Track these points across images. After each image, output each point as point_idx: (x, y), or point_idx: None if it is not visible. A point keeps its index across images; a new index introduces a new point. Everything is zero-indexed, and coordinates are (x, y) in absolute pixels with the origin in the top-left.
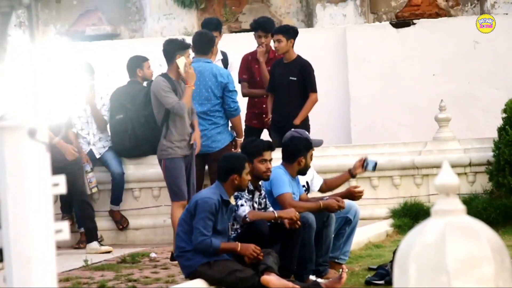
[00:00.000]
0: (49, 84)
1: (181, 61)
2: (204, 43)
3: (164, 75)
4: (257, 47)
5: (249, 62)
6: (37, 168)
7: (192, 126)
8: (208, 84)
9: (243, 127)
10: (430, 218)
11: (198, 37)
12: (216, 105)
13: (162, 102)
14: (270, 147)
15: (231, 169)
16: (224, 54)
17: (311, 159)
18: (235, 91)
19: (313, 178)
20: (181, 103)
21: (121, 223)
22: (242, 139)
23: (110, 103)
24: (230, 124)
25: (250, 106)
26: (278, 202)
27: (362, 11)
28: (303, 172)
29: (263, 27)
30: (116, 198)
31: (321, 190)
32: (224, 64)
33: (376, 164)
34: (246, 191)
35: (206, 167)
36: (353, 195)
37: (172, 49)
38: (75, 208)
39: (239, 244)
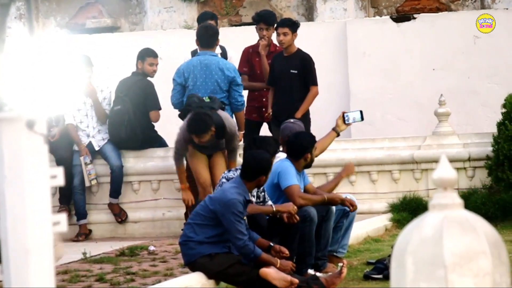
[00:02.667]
0: (48, 76)
1: None
2: (209, 36)
3: None
4: (259, 40)
5: (249, 55)
6: (35, 160)
7: None
8: (215, 77)
9: None
10: (428, 212)
11: (203, 30)
12: (222, 99)
13: None
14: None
15: (261, 170)
16: (223, 48)
17: (314, 152)
18: (242, 85)
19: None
20: None
21: (120, 216)
22: (243, 132)
23: (114, 95)
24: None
25: (249, 99)
26: (286, 194)
27: (363, 5)
28: (309, 166)
29: (265, 20)
30: (115, 191)
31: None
32: (223, 58)
33: (361, 113)
34: None
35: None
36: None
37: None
38: (74, 200)
39: (279, 260)
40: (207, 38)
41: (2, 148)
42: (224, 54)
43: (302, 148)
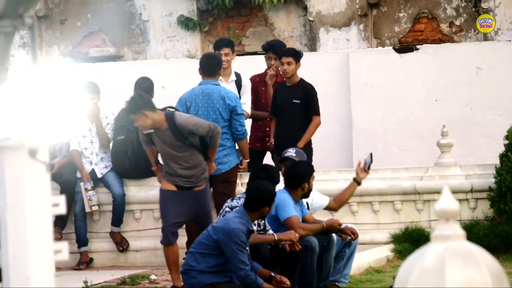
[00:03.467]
0: (51, 104)
1: None
2: (211, 65)
3: None
4: (267, 69)
5: (256, 83)
6: (37, 188)
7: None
8: (216, 106)
9: None
10: (430, 243)
11: (206, 59)
12: (224, 128)
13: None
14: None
15: (265, 201)
16: (237, 75)
17: (312, 182)
18: (243, 114)
19: (314, 198)
20: None
21: (121, 244)
22: (247, 161)
23: (114, 124)
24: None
25: (253, 129)
26: (285, 226)
27: (366, 36)
28: (306, 195)
29: (275, 49)
30: (117, 220)
31: (331, 207)
32: (237, 85)
33: (371, 155)
34: None
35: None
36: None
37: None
38: (75, 227)
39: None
40: (209, 67)
41: (4, 175)
42: (238, 81)
43: (299, 178)
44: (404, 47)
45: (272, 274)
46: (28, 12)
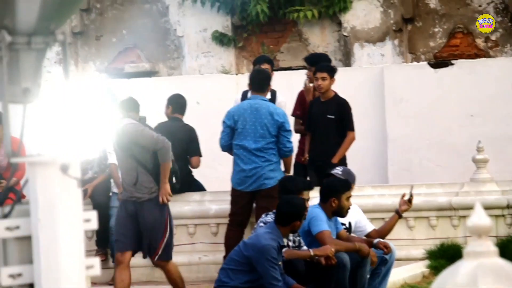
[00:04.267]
0: (84, 119)
1: None
2: (260, 80)
3: None
4: (306, 79)
5: (304, 98)
6: (69, 204)
7: None
8: (264, 121)
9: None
10: (463, 259)
11: (256, 74)
12: (270, 143)
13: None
14: (309, 186)
15: (296, 215)
16: (273, 93)
17: (347, 202)
18: (291, 131)
19: (359, 221)
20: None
21: None
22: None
23: None
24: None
25: (300, 142)
26: (317, 240)
27: (400, 51)
28: (339, 213)
29: (310, 60)
30: None
31: (370, 236)
32: (272, 102)
33: (411, 188)
34: None
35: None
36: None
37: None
38: (110, 242)
39: None
40: (259, 82)
41: (36, 191)
42: (273, 99)
43: (329, 192)
44: (439, 62)
45: None
46: (60, 28)
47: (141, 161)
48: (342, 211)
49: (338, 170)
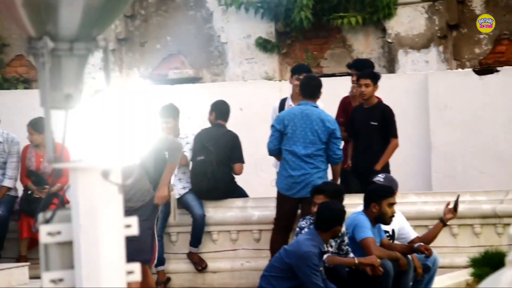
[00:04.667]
0: (125, 125)
1: None
2: (312, 87)
3: None
4: (352, 85)
5: (346, 104)
6: (110, 209)
7: None
8: (315, 128)
9: None
10: (505, 268)
11: (307, 80)
12: (320, 150)
13: None
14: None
15: (336, 220)
16: None
17: (389, 208)
18: (341, 138)
19: (403, 228)
20: None
21: (200, 264)
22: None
23: (193, 144)
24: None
25: (343, 149)
26: (361, 247)
27: (445, 58)
28: (381, 220)
29: (355, 65)
30: (196, 240)
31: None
32: None
33: (457, 197)
34: None
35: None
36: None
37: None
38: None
39: None
40: (310, 88)
41: (77, 197)
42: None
43: (370, 197)
44: (484, 69)
45: None
46: (102, 34)
47: (146, 168)
48: (384, 218)
49: (380, 177)
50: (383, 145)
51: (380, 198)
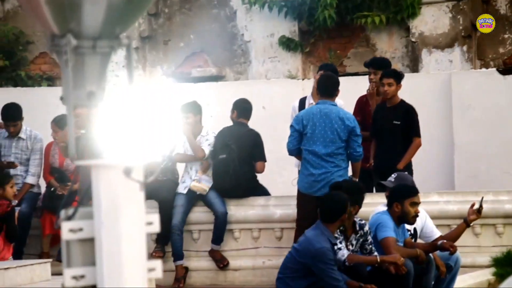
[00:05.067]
0: (147, 123)
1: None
2: (329, 86)
3: None
4: (370, 84)
5: (363, 104)
6: (132, 207)
7: None
8: (334, 126)
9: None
10: None
11: (324, 79)
12: (340, 148)
13: None
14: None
15: (341, 210)
16: None
17: (412, 208)
18: (361, 135)
19: (426, 227)
20: None
21: (221, 262)
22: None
23: (216, 142)
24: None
25: (365, 148)
26: (381, 246)
27: (469, 57)
28: (404, 220)
29: (373, 63)
30: (218, 238)
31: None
32: None
33: (482, 199)
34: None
35: None
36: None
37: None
38: (171, 241)
39: None
40: (327, 87)
41: (99, 194)
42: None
43: (392, 197)
44: (508, 69)
45: (361, 284)
46: (125, 32)
47: None
48: (407, 217)
49: (391, 177)
50: (406, 144)
51: (402, 197)
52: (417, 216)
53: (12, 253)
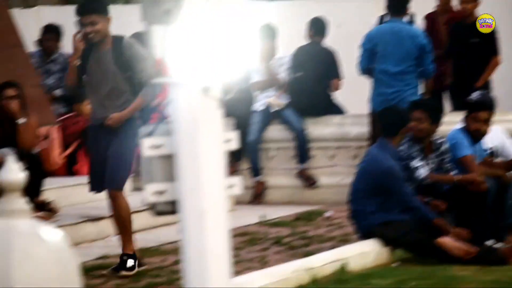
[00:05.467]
0: (225, 42)
1: None
2: (398, 3)
3: None
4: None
5: (431, 21)
6: (210, 124)
7: None
8: (406, 44)
9: None
10: None
11: None
12: (411, 66)
13: None
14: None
15: (403, 121)
16: (411, 15)
17: (480, 122)
18: (432, 51)
19: (504, 145)
20: None
21: (309, 181)
22: None
23: (291, 61)
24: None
25: (441, 67)
26: (460, 164)
27: None
28: (475, 135)
29: None
30: (301, 156)
31: None
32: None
33: None
34: (417, 150)
35: None
36: None
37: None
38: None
39: (452, 229)
40: (395, 5)
41: (178, 111)
42: (411, 21)
43: (466, 112)
44: None
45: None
46: None
47: None
48: (476, 134)
49: (474, 94)
50: (484, 62)
51: (472, 111)
52: (483, 132)
53: None
